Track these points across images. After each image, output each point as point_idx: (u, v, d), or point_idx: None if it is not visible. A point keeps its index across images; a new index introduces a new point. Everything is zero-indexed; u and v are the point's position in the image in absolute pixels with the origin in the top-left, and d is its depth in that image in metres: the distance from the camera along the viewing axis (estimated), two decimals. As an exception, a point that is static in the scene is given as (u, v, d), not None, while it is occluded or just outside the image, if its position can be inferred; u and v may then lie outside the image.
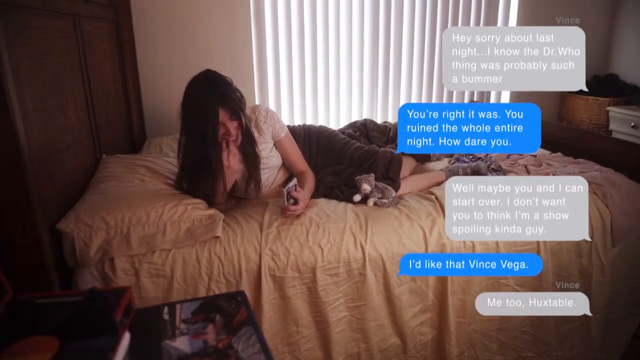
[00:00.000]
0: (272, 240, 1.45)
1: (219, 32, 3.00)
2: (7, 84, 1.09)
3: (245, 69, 3.10)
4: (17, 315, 1.03)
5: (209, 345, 1.00)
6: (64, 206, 1.51)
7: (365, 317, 1.51)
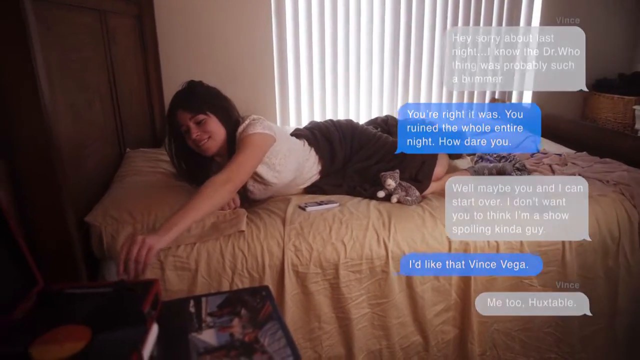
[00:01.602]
0: (295, 235, 1.46)
1: (240, 28, 3.02)
2: (40, 79, 1.11)
3: (265, 64, 3.11)
4: (48, 304, 1.06)
5: (235, 339, 1.01)
6: (90, 199, 1.53)
7: (387, 315, 1.51)
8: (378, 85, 3.35)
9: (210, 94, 1.59)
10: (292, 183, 1.72)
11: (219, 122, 1.56)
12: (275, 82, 3.17)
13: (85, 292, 1.07)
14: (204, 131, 1.53)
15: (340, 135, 1.87)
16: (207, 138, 1.54)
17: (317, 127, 1.91)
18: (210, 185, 1.32)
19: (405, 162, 1.76)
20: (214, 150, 1.57)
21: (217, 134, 1.55)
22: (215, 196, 1.31)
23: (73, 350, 0.85)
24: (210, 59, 3.01)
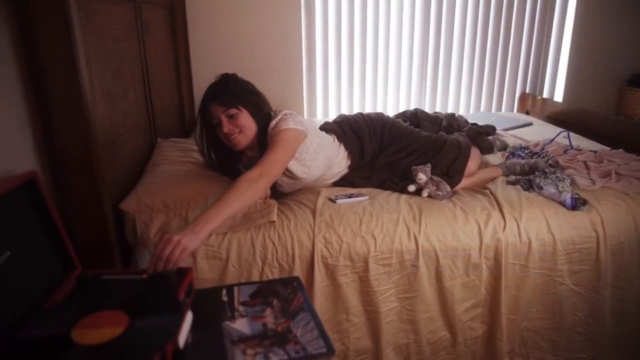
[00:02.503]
0: (325, 227, 1.46)
1: (269, 21, 3.02)
2: (81, 68, 1.13)
3: (293, 57, 3.11)
4: (86, 290, 1.08)
5: (268, 329, 1.02)
6: (124, 187, 1.56)
7: (415, 309, 1.50)
8: (406, 78, 3.32)
9: (244, 89, 1.60)
10: (320, 178, 1.72)
11: (251, 116, 1.56)
12: (303, 75, 3.17)
13: (121, 279, 1.10)
14: (235, 125, 1.54)
15: (370, 130, 1.85)
16: (238, 132, 1.55)
17: (346, 121, 1.90)
18: (244, 181, 1.31)
19: (438, 157, 1.74)
20: (245, 144, 1.58)
21: (248, 129, 1.56)
22: (249, 192, 1.31)
23: (112, 335, 0.87)
24: (238, 52, 3.02)
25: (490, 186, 1.72)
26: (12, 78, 1.10)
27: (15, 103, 1.12)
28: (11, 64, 1.10)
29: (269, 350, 0.94)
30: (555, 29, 3.35)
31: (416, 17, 3.18)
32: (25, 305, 0.96)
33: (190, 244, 1.12)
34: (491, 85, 3.43)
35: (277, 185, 1.66)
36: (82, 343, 0.86)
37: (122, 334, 0.87)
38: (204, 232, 1.17)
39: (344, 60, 3.19)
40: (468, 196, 1.65)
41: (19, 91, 1.13)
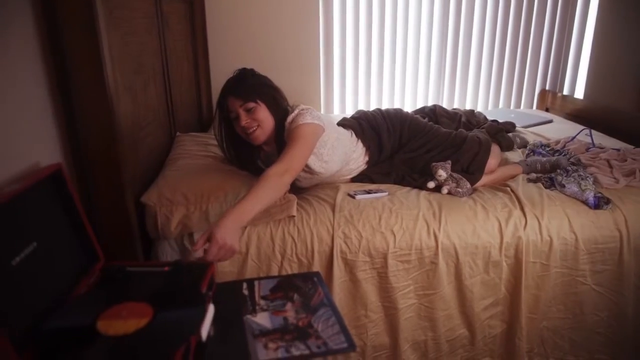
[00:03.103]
0: (345, 223, 1.45)
1: (287, 16, 3.01)
2: (105, 62, 1.14)
3: (311, 52, 3.10)
4: (110, 281, 1.09)
5: (290, 323, 1.02)
6: (145, 180, 1.58)
7: (434, 306, 1.49)
8: (424, 74, 3.29)
9: (262, 83, 1.60)
10: (337, 173, 1.71)
11: (268, 111, 1.57)
12: (320, 70, 3.16)
13: (143, 271, 1.11)
14: (253, 119, 1.54)
15: (388, 126, 1.84)
16: (256, 126, 1.55)
17: (364, 117, 1.89)
18: (270, 177, 1.31)
19: (458, 153, 1.72)
20: (263, 139, 1.58)
21: (265, 123, 1.56)
22: (276, 187, 1.31)
23: (136, 327, 0.88)
24: (256, 47, 3.03)
25: (511, 184, 1.70)
26: (37, 72, 1.12)
27: (40, 97, 1.13)
28: (37, 57, 1.11)
29: (291, 344, 0.94)
30: (577, 24, 3.29)
31: (435, 12, 3.15)
32: (51, 295, 0.98)
33: (236, 244, 1.15)
34: (510, 82, 3.39)
35: (296, 181, 1.66)
36: (107, 334, 0.87)
37: (146, 326, 0.88)
38: (240, 228, 1.20)
39: (362, 55, 3.18)
40: (488, 193, 1.64)
41: (43, 85, 1.14)
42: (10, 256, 0.88)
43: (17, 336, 0.83)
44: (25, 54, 1.07)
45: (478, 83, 3.37)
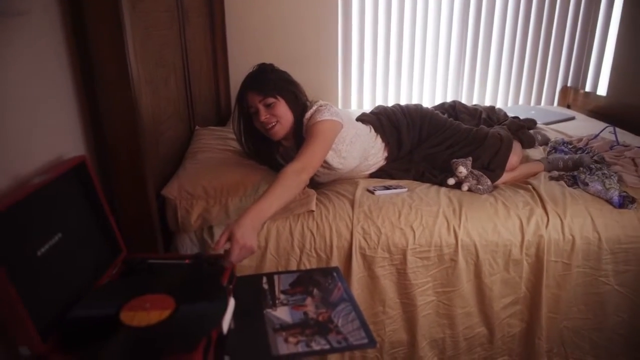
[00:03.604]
0: (364, 218, 1.45)
1: (306, 11, 3.00)
2: (129, 55, 1.15)
3: (329, 47, 3.09)
4: (132, 273, 1.10)
5: (310, 318, 1.02)
6: (165, 173, 1.59)
7: (453, 304, 1.48)
8: (443, 70, 3.26)
9: (281, 78, 1.60)
10: (356, 169, 1.71)
11: (288, 106, 1.56)
12: (339, 65, 3.14)
13: (165, 263, 1.12)
14: (272, 114, 1.54)
15: (408, 122, 1.82)
16: (275, 122, 1.55)
17: (384, 112, 1.88)
18: (288, 175, 1.31)
19: (479, 150, 1.70)
20: (282, 135, 1.58)
21: (284, 119, 1.56)
22: (294, 185, 1.32)
23: (159, 318, 0.89)
24: (274, 41, 3.02)
25: (533, 181, 1.67)
26: (63, 66, 1.13)
27: (65, 91, 1.15)
28: (62, 52, 1.13)
29: (311, 339, 0.95)
30: (602, 19, 3.22)
31: (455, 6, 3.11)
32: (74, 286, 0.99)
33: (254, 243, 1.15)
34: (531, 78, 3.33)
35: (314, 176, 1.65)
36: (130, 324, 0.88)
37: (168, 318, 0.89)
38: (260, 226, 1.21)
39: (380, 50, 3.15)
40: (510, 191, 1.62)
41: (69, 79, 1.16)
42: (37, 247, 0.90)
43: (43, 325, 0.84)
44: (51, 49, 1.08)
45: (498, 79, 3.32)
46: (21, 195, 0.86)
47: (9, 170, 0.92)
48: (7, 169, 0.91)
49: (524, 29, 3.20)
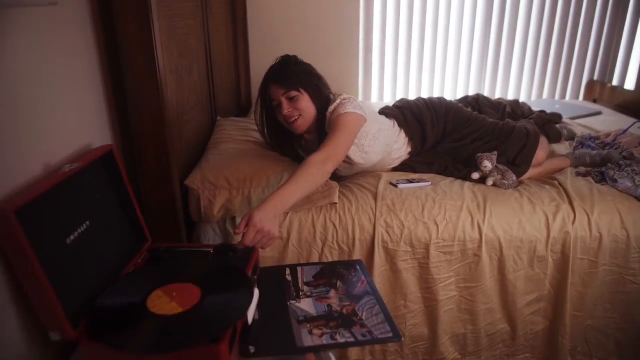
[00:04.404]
0: (387, 212, 1.44)
1: (328, 4, 2.98)
2: (157, 46, 1.15)
3: (350, 39, 3.07)
4: (157, 262, 1.11)
5: (334, 310, 1.02)
6: (187, 163, 1.59)
7: (475, 299, 1.46)
8: (466, 62, 3.21)
9: (305, 71, 1.58)
10: (379, 164, 1.69)
11: (311, 100, 1.55)
12: (360, 57, 3.12)
13: (190, 253, 1.12)
14: (295, 108, 1.53)
15: (432, 116, 1.79)
16: (297, 116, 1.54)
17: (408, 106, 1.84)
18: (313, 164, 1.30)
19: (505, 145, 1.67)
20: (304, 128, 1.57)
21: (307, 112, 1.55)
22: (317, 174, 1.30)
23: (185, 307, 0.89)
24: (295, 32, 3.01)
25: (559, 177, 1.64)
26: (91, 58, 1.14)
27: (93, 80, 1.15)
28: (90, 43, 1.13)
29: (335, 331, 0.94)
30: (631, 12, 3.13)
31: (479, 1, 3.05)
32: (102, 273, 1.00)
33: (275, 230, 1.14)
34: (556, 71, 3.27)
35: (336, 170, 1.64)
36: (157, 313, 0.88)
37: (194, 307, 0.89)
38: (281, 213, 1.20)
39: (402, 42, 3.12)
40: (535, 186, 1.59)
41: (96, 69, 1.16)
42: (66, 234, 0.91)
43: (73, 311, 0.85)
44: (80, 39, 1.09)
45: (522, 71, 3.26)
46: (52, 183, 0.87)
47: (41, 158, 0.93)
48: (38, 156, 0.92)
49: (550, 20, 3.13)
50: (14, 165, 0.84)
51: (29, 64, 0.89)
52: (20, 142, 0.87)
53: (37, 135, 0.92)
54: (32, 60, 0.90)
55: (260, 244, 1.13)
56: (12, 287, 0.83)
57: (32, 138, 0.90)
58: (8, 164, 0.83)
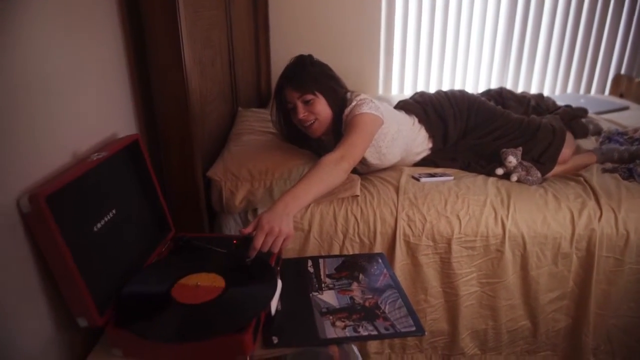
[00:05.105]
0: (409, 205, 1.43)
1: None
2: (182, 37, 1.15)
3: (372, 30, 3.04)
4: (181, 251, 1.12)
5: (356, 303, 1.02)
6: (209, 154, 1.60)
7: (497, 295, 1.45)
8: (488, 54, 3.16)
9: (321, 73, 1.55)
10: (398, 163, 1.67)
11: (327, 103, 1.53)
12: (381, 49, 3.09)
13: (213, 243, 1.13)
14: (310, 111, 1.51)
15: (455, 112, 1.75)
16: (313, 119, 1.52)
17: (429, 102, 1.79)
18: (328, 163, 1.27)
19: (530, 143, 1.63)
20: (320, 132, 1.56)
21: (323, 116, 1.53)
22: (333, 174, 1.27)
23: (209, 297, 0.90)
24: (316, 24, 2.99)
25: (585, 173, 1.61)
26: (118, 46, 1.15)
27: (120, 71, 1.16)
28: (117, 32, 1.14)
29: (358, 324, 0.94)
30: (661, 5, 3.05)
31: (504, -10, 3.00)
32: (127, 261, 1.01)
33: (289, 230, 1.08)
34: (582, 64, 3.20)
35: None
36: (182, 301, 0.89)
37: (219, 297, 0.90)
38: (294, 212, 1.14)
39: (424, 33, 3.07)
40: (560, 183, 1.56)
41: (122, 59, 1.17)
42: (94, 222, 0.92)
43: (100, 298, 0.86)
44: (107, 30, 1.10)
45: (546, 64, 3.20)
46: (81, 171, 0.88)
47: (70, 147, 0.94)
48: (67, 145, 0.93)
49: (577, 11, 3.06)
50: (44, 152, 0.86)
51: (58, 54, 0.90)
52: (51, 130, 0.88)
53: (66, 123, 0.93)
54: (60, 51, 0.91)
55: (274, 246, 1.05)
56: (42, 274, 0.84)
57: (61, 126, 0.91)
58: (40, 150, 0.84)
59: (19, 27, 0.78)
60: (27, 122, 0.80)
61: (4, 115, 0.74)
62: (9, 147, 0.76)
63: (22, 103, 0.79)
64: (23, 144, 0.79)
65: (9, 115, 0.76)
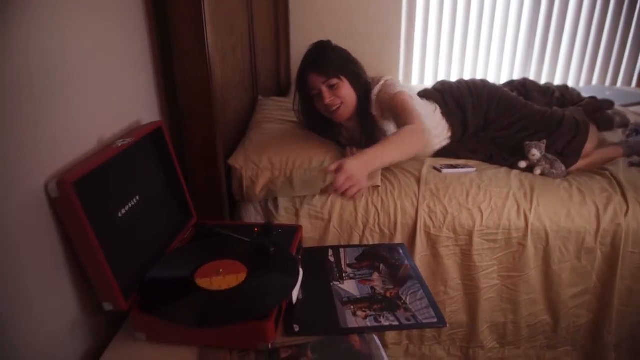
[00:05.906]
0: (430, 197, 1.41)
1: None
2: (206, 25, 1.15)
3: (393, 19, 3.00)
4: (203, 238, 1.13)
5: (377, 293, 1.01)
6: (230, 142, 1.60)
7: (517, 289, 1.43)
8: (511, 44, 3.09)
9: (342, 57, 1.55)
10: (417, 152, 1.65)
11: (351, 87, 1.52)
12: (402, 37, 3.04)
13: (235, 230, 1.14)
14: (336, 96, 1.51)
15: (474, 101, 1.73)
16: (339, 104, 1.51)
17: (449, 90, 1.78)
18: (406, 130, 1.33)
19: (553, 136, 1.60)
20: (346, 116, 1.55)
21: (349, 99, 1.52)
22: (414, 139, 1.34)
23: (232, 284, 0.91)
24: (336, 11, 2.96)
25: (611, 167, 1.57)
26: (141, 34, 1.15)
27: (143, 58, 1.17)
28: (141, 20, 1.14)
29: (379, 314, 0.94)
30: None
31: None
32: (150, 247, 1.02)
33: (365, 184, 1.17)
34: (608, 56, 3.11)
35: None
36: (205, 287, 0.90)
37: (242, 284, 0.90)
38: (372, 169, 1.25)
39: (445, 21, 3.02)
40: (585, 177, 1.53)
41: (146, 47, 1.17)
42: (118, 208, 0.93)
43: (124, 283, 0.88)
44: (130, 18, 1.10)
45: (571, 55, 3.12)
46: (106, 157, 0.89)
47: (95, 133, 0.95)
48: (93, 131, 0.94)
49: (604, 1, 2.97)
50: (70, 138, 0.87)
51: (83, 42, 0.90)
52: (76, 115, 0.88)
53: (92, 110, 0.94)
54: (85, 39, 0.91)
55: (350, 191, 1.14)
56: (70, 259, 0.85)
57: (87, 113, 0.92)
58: (66, 136, 0.85)
59: (46, 9, 0.79)
60: (53, 108, 0.81)
61: (31, 102, 0.75)
62: (36, 133, 0.77)
63: (48, 89, 0.80)
64: (49, 129, 0.80)
65: (37, 101, 0.77)
